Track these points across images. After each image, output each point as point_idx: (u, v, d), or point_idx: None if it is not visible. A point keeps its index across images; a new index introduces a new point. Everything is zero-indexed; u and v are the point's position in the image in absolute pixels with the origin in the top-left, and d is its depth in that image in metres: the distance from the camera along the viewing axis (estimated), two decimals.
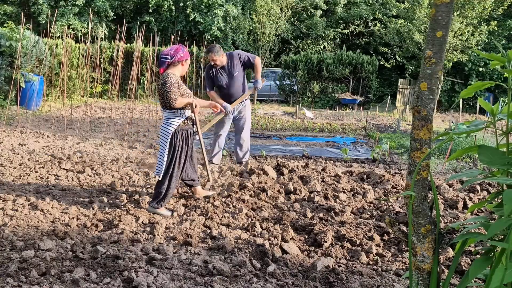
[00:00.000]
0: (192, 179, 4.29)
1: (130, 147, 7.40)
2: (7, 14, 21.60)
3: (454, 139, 2.01)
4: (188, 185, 4.43)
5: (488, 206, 2.16)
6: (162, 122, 4.13)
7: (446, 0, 1.93)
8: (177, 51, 3.98)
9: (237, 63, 5.64)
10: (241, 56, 5.69)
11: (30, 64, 11.62)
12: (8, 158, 5.86)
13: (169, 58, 3.96)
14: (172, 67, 4.01)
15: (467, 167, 6.78)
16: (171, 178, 4.02)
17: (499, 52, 2.08)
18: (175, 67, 4.02)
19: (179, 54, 3.98)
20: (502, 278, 1.61)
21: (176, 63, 4.00)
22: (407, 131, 10.73)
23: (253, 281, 2.74)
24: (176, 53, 3.97)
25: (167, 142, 3.99)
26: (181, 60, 4.01)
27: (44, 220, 3.72)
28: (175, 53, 3.97)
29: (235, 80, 5.66)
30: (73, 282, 2.60)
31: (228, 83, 5.65)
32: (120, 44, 11.53)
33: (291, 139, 9.55)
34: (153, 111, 13.16)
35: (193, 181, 4.33)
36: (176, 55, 3.96)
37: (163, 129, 4.06)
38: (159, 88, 3.98)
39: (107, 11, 21.77)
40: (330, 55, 19.44)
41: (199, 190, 4.45)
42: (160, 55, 4.01)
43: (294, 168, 5.57)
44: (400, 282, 2.81)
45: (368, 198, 4.66)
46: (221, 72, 5.64)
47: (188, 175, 4.25)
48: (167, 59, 3.96)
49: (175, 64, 4.00)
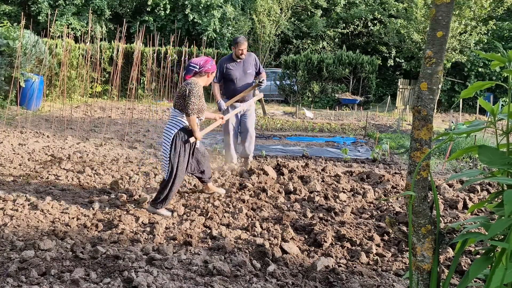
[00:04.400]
0: (201, 170, 4.39)
1: (130, 147, 7.40)
2: (6, 13, 21.60)
3: (454, 139, 2.01)
4: (199, 179, 4.50)
5: (488, 206, 2.16)
6: (168, 120, 4.22)
7: (447, 0, 1.93)
8: (206, 62, 4.19)
9: (252, 63, 5.84)
10: (256, 60, 5.93)
11: (30, 64, 11.61)
12: (8, 158, 5.86)
13: (197, 67, 4.16)
14: (198, 76, 4.19)
15: (467, 167, 6.78)
16: (174, 179, 4.07)
17: (498, 53, 2.08)
18: (200, 77, 4.20)
19: (207, 66, 4.18)
20: (502, 278, 1.61)
21: (203, 73, 4.19)
22: (407, 131, 10.73)
23: (253, 281, 2.74)
24: (205, 64, 4.18)
25: (169, 142, 4.07)
26: (207, 72, 4.21)
27: (44, 220, 3.72)
28: (204, 64, 4.17)
29: (247, 77, 5.82)
30: (73, 282, 2.59)
31: (239, 79, 5.77)
32: (120, 44, 11.53)
33: (291, 139, 9.55)
34: (153, 111, 13.16)
35: (202, 174, 4.42)
36: (204, 66, 4.17)
37: (168, 128, 4.15)
38: (182, 91, 4.10)
39: (104, 10, 21.75)
40: (330, 55, 19.44)
41: (210, 186, 4.58)
42: (189, 63, 4.22)
43: (294, 168, 5.57)
44: (400, 282, 2.81)
45: (368, 198, 4.66)
46: (236, 67, 5.76)
47: (195, 168, 4.35)
48: (195, 68, 4.16)
49: (201, 74, 4.19)
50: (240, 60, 5.74)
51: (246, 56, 5.78)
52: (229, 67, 5.72)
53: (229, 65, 5.73)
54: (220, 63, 5.78)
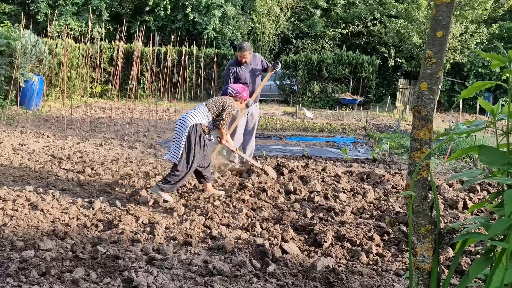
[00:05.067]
0: (202, 166, 4.53)
1: (130, 147, 7.40)
2: (6, 13, 21.59)
3: (454, 139, 2.01)
4: (199, 176, 4.59)
5: (488, 206, 2.16)
6: (190, 110, 4.55)
7: (447, 0, 1.93)
8: (243, 90, 4.82)
9: (259, 63, 6.06)
10: (262, 59, 6.18)
11: (30, 64, 11.61)
12: (8, 158, 5.86)
13: (234, 92, 4.75)
14: (233, 99, 4.70)
15: (467, 167, 6.78)
16: (189, 169, 4.33)
17: (499, 53, 2.08)
18: (235, 101, 4.72)
19: (242, 94, 4.79)
20: (502, 278, 1.61)
21: (237, 99, 4.77)
22: (407, 131, 10.73)
23: (253, 281, 2.74)
24: (241, 92, 4.78)
25: (185, 131, 4.32)
26: (241, 99, 4.81)
27: (44, 220, 3.71)
28: (241, 92, 4.78)
29: (256, 78, 6.04)
30: (73, 282, 2.59)
31: (250, 80, 5.97)
32: (120, 44, 11.53)
33: (291, 139, 9.55)
34: (153, 111, 13.16)
35: (206, 177, 4.57)
36: (240, 93, 4.77)
37: (185, 116, 4.41)
38: (220, 102, 4.56)
39: (103, 10, 21.73)
40: (330, 55, 19.43)
41: (209, 187, 4.62)
42: (227, 87, 4.87)
43: (294, 168, 5.57)
44: (400, 282, 2.81)
45: (368, 198, 4.66)
46: (244, 69, 5.93)
47: (201, 161, 4.51)
48: (233, 92, 4.76)
49: (236, 99, 4.75)
50: (247, 63, 5.94)
51: (252, 58, 5.96)
52: (238, 71, 5.92)
53: (238, 69, 5.93)
54: (230, 68, 5.96)
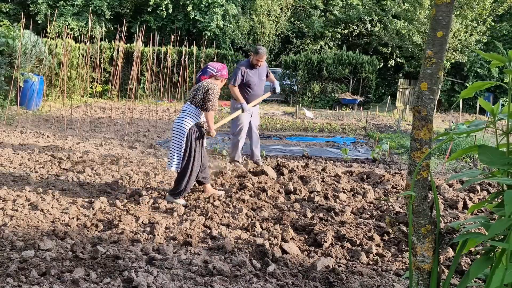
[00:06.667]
0: (203, 176, 4.53)
1: (130, 147, 7.40)
2: (5, 12, 21.58)
3: (454, 139, 2.01)
4: (198, 182, 4.59)
5: (488, 206, 2.16)
6: (179, 115, 4.42)
7: (447, 0, 1.93)
8: (223, 68, 4.57)
9: (265, 69, 6.24)
10: (267, 66, 6.34)
11: (30, 64, 11.61)
12: (8, 158, 5.86)
13: (215, 71, 4.51)
14: (214, 79, 4.49)
15: (467, 167, 6.78)
16: (191, 172, 4.31)
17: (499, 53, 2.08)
18: (216, 80, 4.51)
19: (223, 72, 4.54)
20: (502, 278, 1.61)
21: (218, 77, 4.52)
22: (407, 131, 10.73)
23: (253, 281, 2.74)
24: (222, 70, 4.54)
25: (184, 138, 4.27)
26: (222, 77, 4.55)
27: (44, 220, 3.71)
28: (221, 69, 4.53)
29: (262, 83, 6.21)
30: (73, 282, 2.59)
31: (257, 84, 6.10)
32: (120, 44, 11.53)
33: (291, 139, 9.55)
34: (153, 111, 13.16)
35: (204, 178, 4.55)
36: (220, 71, 4.52)
37: (179, 123, 4.34)
38: (202, 88, 4.35)
39: (103, 10, 21.74)
40: (330, 55, 19.42)
41: (208, 187, 4.62)
42: (208, 66, 4.58)
43: (294, 168, 5.57)
44: (400, 282, 2.81)
45: (368, 198, 4.66)
46: (253, 73, 6.07)
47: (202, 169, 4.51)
48: (212, 71, 4.51)
49: (217, 78, 4.51)
50: (257, 67, 6.09)
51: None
52: (249, 73, 6.02)
53: (249, 72, 6.03)
54: (241, 68, 6.05)
